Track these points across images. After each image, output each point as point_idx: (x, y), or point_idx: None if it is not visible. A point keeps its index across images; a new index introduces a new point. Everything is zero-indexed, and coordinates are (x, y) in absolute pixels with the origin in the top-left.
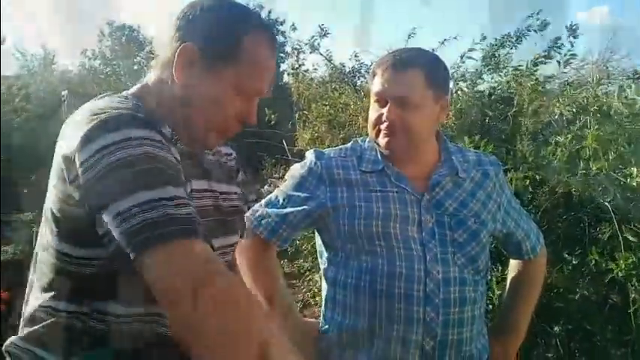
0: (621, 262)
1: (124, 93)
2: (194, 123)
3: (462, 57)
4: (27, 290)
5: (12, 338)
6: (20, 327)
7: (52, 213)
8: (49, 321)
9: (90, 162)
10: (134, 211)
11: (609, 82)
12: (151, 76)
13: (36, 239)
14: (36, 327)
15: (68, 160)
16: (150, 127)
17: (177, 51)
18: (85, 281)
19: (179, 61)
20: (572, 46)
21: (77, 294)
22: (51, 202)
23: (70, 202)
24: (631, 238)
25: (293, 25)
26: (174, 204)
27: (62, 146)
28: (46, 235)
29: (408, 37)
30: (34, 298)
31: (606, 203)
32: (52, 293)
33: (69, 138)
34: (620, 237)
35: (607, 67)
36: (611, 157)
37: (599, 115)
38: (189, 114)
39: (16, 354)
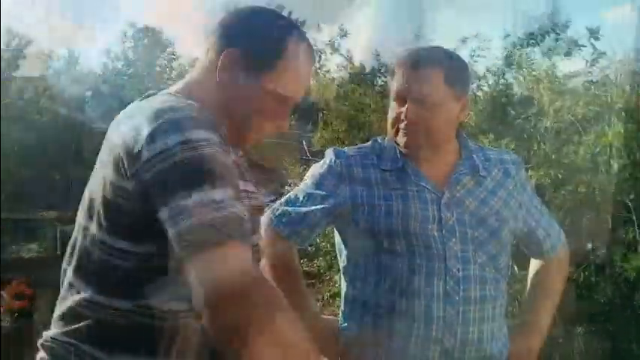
0: (635, 262)
1: (173, 90)
2: (233, 125)
3: (472, 56)
4: (63, 284)
5: (49, 332)
6: (55, 321)
7: (103, 206)
8: (94, 316)
9: (157, 159)
10: (194, 211)
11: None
12: (192, 77)
13: (60, 237)
14: (81, 322)
15: (128, 156)
16: (213, 129)
17: (222, 55)
18: (132, 276)
19: (223, 65)
20: (594, 47)
21: (123, 289)
22: (101, 195)
23: (125, 196)
24: None
25: (318, 25)
26: (232, 207)
27: (119, 141)
28: (91, 229)
29: (416, 38)
30: (75, 292)
31: (629, 202)
32: (97, 288)
33: (128, 134)
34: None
35: (631, 66)
36: (638, 156)
37: (623, 113)
38: (230, 116)
39: (56, 349)
